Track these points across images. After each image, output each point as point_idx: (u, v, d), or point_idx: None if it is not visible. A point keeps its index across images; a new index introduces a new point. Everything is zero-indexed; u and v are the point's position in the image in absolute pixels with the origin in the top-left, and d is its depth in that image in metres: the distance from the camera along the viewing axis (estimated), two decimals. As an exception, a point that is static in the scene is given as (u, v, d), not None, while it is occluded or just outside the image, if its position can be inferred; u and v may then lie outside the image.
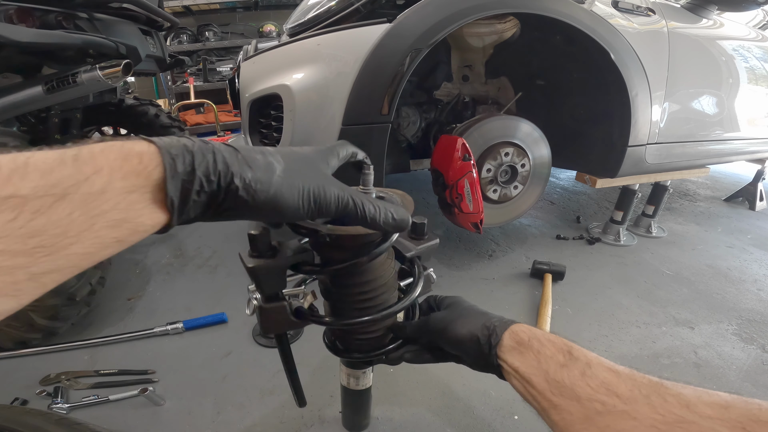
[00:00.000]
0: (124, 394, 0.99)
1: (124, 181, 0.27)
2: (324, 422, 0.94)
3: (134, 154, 0.28)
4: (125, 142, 0.28)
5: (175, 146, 0.29)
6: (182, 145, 0.30)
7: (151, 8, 1.50)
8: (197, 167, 0.30)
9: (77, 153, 0.26)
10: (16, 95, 1.22)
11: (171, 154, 0.29)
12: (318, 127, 1.18)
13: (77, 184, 0.25)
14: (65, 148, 0.26)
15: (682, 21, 1.60)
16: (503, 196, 1.49)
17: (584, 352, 0.43)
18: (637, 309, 1.34)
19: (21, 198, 0.24)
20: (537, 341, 0.46)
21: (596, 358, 0.42)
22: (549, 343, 0.45)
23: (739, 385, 1.03)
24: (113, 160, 0.27)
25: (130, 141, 0.29)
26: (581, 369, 0.41)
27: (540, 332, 0.47)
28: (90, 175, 0.26)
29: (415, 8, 1.16)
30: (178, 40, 4.77)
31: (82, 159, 0.26)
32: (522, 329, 0.48)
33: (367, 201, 0.38)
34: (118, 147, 0.28)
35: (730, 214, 2.18)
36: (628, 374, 0.40)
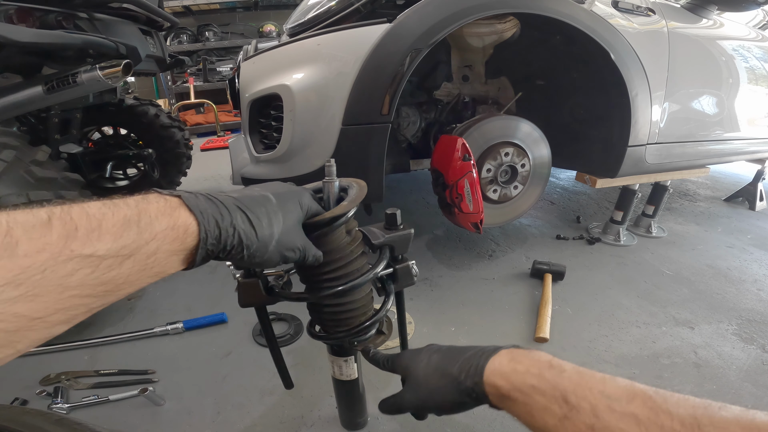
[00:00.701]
0: (124, 394, 0.99)
1: (170, 246, 0.36)
2: (324, 422, 0.94)
3: (180, 225, 0.37)
4: (174, 211, 0.37)
5: (210, 223, 0.38)
6: (215, 222, 0.39)
7: (151, 8, 1.50)
8: (221, 242, 0.40)
9: (139, 219, 0.34)
10: (16, 95, 1.22)
11: (206, 229, 0.38)
12: (318, 127, 1.18)
13: (139, 248, 0.33)
14: (127, 206, 0.34)
15: (682, 21, 1.60)
16: (503, 196, 1.49)
17: (581, 393, 0.38)
18: (637, 309, 1.34)
19: (98, 258, 0.30)
20: (519, 392, 0.41)
21: (600, 398, 0.37)
22: (534, 391, 0.40)
23: (739, 385, 1.03)
24: (165, 229, 0.35)
25: (178, 210, 0.37)
26: (587, 421, 0.36)
27: (517, 376, 0.42)
28: (149, 241, 0.34)
29: (415, 8, 1.16)
30: (178, 40, 4.77)
31: (143, 226, 0.34)
32: (497, 380, 0.43)
33: (310, 249, 0.50)
34: (168, 215, 0.36)
35: (730, 214, 2.18)
36: (649, 417, 0.34)
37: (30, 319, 0.28)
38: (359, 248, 0.60)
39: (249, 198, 0.44)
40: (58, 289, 0.28)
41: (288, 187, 0.51)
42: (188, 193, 0.40)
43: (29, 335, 0.28)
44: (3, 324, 0.26)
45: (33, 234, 0.28)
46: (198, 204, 0.39)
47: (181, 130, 2.28)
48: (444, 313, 1.33)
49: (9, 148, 1.05)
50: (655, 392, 0.36)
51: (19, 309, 0.27)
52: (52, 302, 0.28)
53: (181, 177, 2.39)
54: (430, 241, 1.84)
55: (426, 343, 0.60)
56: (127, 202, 0.35)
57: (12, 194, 0.99)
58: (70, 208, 0.31)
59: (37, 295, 0.27)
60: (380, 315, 0.67)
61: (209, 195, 0.42)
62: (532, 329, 1.23)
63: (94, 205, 0.33)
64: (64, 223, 0.30)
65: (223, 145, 3.87)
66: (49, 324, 0.29)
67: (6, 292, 0.26)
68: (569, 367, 0.41)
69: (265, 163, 1.31)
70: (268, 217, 0.44)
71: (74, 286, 0.29)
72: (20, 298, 0.27)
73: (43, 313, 0.28)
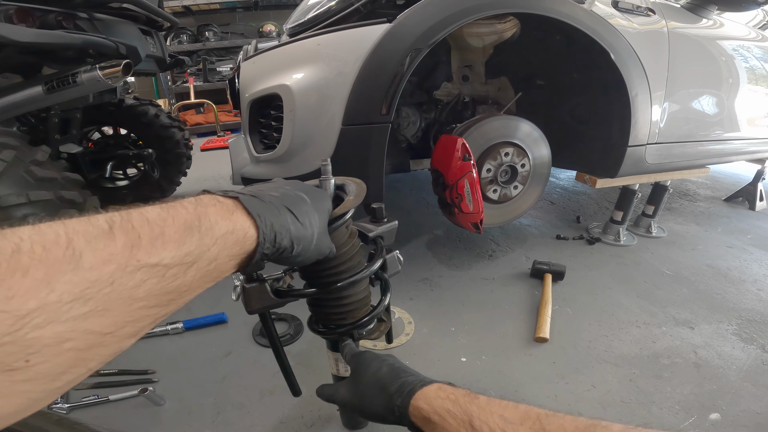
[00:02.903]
0: (124, 394, 0.99)
1: (230, 250, 0.35)
2: (324, 422, 0.94)
3: (239, 228, 0.36)
4: (232, 215, 0.36)
5: (267, 226, 0.38)
6: (271, 225, 0.39)
7: (151, 8, 1.50)
8: (276, 244, 0.40)
9: (200, 224, 0.33)
10: (16, 95, 1.22)
11: (264, 232, 0.38)
12: (318, 127, 1.18)
13: (201, 254, 0.32)
14: (186, 210, 0.33)
15: (682, 21, 1.60)
16: (503, 196, 1.49)
17: (484, 417, 0.42)
18: (637, 309, 1.34)
19: (164, 266, 0.30)
20: (437, 415, 0.46)
21: (499, 421, 0.41)
22: (448, 415, 0.45)
23: (739, 385, 1.03)
24: (225, 234, 0.35)
25: (235, 213, 0.37)
26: None
27: (438, 401, 0.47)
28: (210, 247, 0.33)
29: (415, 8, 1.16)
30: (178, 40, 4.77)
31: (204, 231, 0.33)
32: (421, 404, 0.48)
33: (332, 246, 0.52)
34: (226, 218, 0.35)
35: (730, 214, 2.18)
36: None
37: (101, 335, 0.26)
38: (357, 242, 0.62)
39: (291, 198, 0.44)
40: (127, 301, 0.27)
41: (313, 187, 0.52)
42: (244, 195, 0.39)
43: (101, 352, 0.27)
44: (74, 342, 0.25)
45: (97, 245, 0.27)
46: (255, 206, 0.38)
47: (181, 130, 2.28)
48: (444, 313, 1.33)
49: (9, 148, 1.04)
50: (546, 415, 0.40)
51: (90, 325, 0.25)
52: (122, 315, 0.27)
53: (181, 177, 2.39)
54: (430, 241, 1.84)
55: (425, 342, 0.61)
56: (184, 205, 0.34)
57: (12, 194, 0.99)
58: (129, 215, 0.30)
59: (107, 310, 0.26)
60: (382, 304, 0.68)
61: (258, 194, 0.41)
62: (532, 329, 1.23)
63: (153, 211, 0.32)
64: (126, 231, 0.29)
65: (223, 145, 3.87)
66: (119, 338, 0.28)
67: (75, 308, 0.24)
68: (483, 398, 0.46)
69: (265, 163, 1.31)
70: (309, 218, 0.45)
71: (142, 297, 0.28)
72: (90, 314, 0.25)
73: (114, 327, 0.27)
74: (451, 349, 1.17)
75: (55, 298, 0.24)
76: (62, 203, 1.08)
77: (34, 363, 0.23)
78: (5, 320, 0.22)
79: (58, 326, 0.24)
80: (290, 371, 0.69)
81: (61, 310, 0.24)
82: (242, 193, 0.40)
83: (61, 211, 1.07)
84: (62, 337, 0.24)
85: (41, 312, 0.23)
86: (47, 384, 0.25)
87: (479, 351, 1.16)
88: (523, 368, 1.10)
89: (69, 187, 1.14)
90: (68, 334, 0.24)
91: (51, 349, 0.24)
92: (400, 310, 1.33)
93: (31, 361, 0.23)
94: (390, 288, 0.71)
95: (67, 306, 0.24)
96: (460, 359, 1.13)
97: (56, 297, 0.24)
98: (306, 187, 0.50)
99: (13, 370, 0.22)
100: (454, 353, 1.15)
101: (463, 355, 1.14)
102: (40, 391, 0.24)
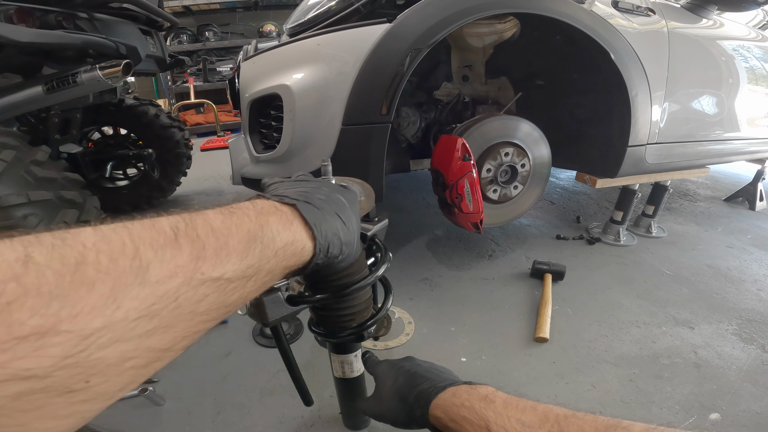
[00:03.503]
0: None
1: (287, 262, 0.35)
2: (324, 422, 0.94)
3: (298, 240, 0.35)
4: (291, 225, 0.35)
5: (324, 238, 0.38)
6: (326, 236, 0.38)
7: (151, 8, 1.50)
8: (329, 253, 0.39)
9: (262, 234, 0.32)
10: (16, 95, 1.22)
11: (320, 244, 0.37)
12: (318, 127, 1.18)
13: (261, 267, 0.31)
14: (248, 218, 0.32)
15: (682, 21, 1.60)
16: (503, 196, 1.49)
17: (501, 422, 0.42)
18: (637, 309, 1.34)
19: (226, 281, 0.28)
20: (454, 423, 0.46)
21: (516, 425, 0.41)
22: (464, 422, 0.45)
23: (739, 385, 1.03)
24: (285, 245, 0.34)
25: (294, 222, 0.36)
26: None
27: (453, 409, 0.47)
28: (270, 258, 0.32)
29: (415, 8, 1.16)
30: (178, 40, 4.77)
31: (266, 242, 0.32)
32: (438, 413, 0.49)
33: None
34: (287, 229, 0.35)
35: (730, 214, 2.18)
36: None
37: (161, 351, 0.25)
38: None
39: (336, 202, 0.43)
40: (189, 317, 0.26)
41: (340, 187, 0.50)
42: (300, 202, 0.38)
43: (156, 366, 0.26)
44: (135, 361, 0.23)
45: (164, 255, 0.25)
46: (312, 216, 0.37)
47: (181, 130, 2.28)
48: (444, 313, 1.33)
49: (9, 148, 1.05)
50: (566, 416, 0.40)
51: (153, 343, 0.24)
52: (182, 331, 0.26)
53: (181, 177, 2.39)
54: (430, 241, 1.84)
55: (425, 342, 0.61)
56: (246, 213, 0.32)
57: (12, 194, 0.99)
58: (194, 221, 0.28)
59: (170, 326, 0.25)
60: (388, 302, 0.68)
61: (311, 199, 0.39)
62: (532, 329, 1.23)
63: (216, 218, 0.30)
64: (191, 241, 0.27)
65: (223, 145, 3.87)
66: (175, 353, 0.26)
67: (141, 325, 0.23)
68: (500, 400, 0.45)
69: (265, 163, 1.31)
70: (351, 222, 0.44)
71: (203, 311, 0.27)
72: (154, 331, 0.24)
73: (173, 342, 0.26)
74: (451, 349, 1.17)
75: (122, 316, 0.22)
76: (62, 203, 1.09)
77: (95, 384, 0.22)
78: (69, 341, 0.20)
79: (123, 345, 0.22)
80: (302, 381, 0.68)
81: (126, 328, 0.22)
82: (297, 199, 0.38)
83: (61, 211, 1.07)
84: (126, 356, 0.23)
85: (107, 331, 0.21)
86: (102, 402, 0.23)
87: (479, 351, 1.16)
88: (523, 368, 1.10)
89: (69, 187, 1.14)
90: (131, 353, 0.23)
91: (113, 368, 0.22)
92: (400, 310, 1.33)
93: (92, 382, 0.21)
94: (392, 287, 0.71)
95: (133, 324, 0.23)
96: (460, 359, 1.13)
97: (122, 314, 0.22)
98: (340, 189, 0.49)
99: (72, 392, 0.21)
100: (454, 353, 1.15)
101: (463, 355, 1.14)
102: (94, 410, 0.23)
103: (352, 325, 0.64)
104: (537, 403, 0.43)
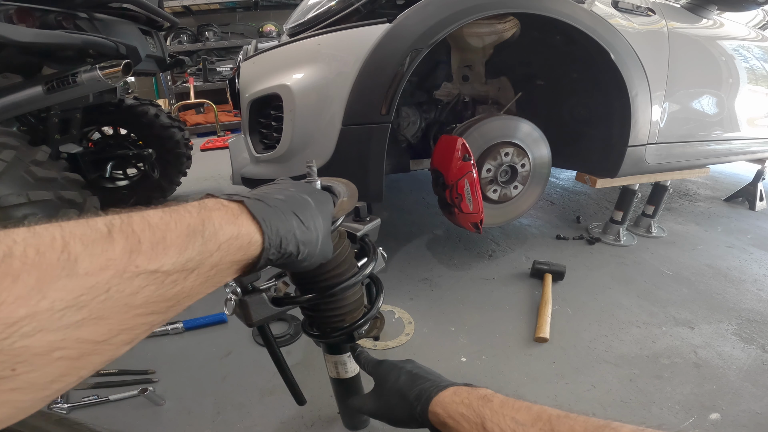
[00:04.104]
0: (124, 394, 0.99)
1: (233, 256, 0.34)
2: (324, 422, 0.94)
3: (244, 234, 0.35)
4: (237, 219, 0.35)
5: (273, 232, 0.37)
6: (277, 230, 0.38)
7: (151, 8, 1.50)
8: (281, 250, 0.39)
9: (203, 228, 0.32)
10: (16, 95, 1.22)
11: (269, 238, 0.37)
12: (318, 127, 1.18)
13: (203, 260, 0.31)
14: (189, 214, 0.32)
15: (682, 21, 1.60)
16: (503, 196, 1.49)
17: (497, 420, 0.43)
18: (637, 309, 1.34)
19: (164, 273, 0.28)
20: (452, 419, 0.47)
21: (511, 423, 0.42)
22: (462, 419, 0.46)
23: (739, 385, 1.03)
24: (229, 239, 0.34)
25: (240, 217, 0.36)
26: None
27: (453, 406, 0.48)
28: (213, 252, 0.32)
29: (415, 8, 1.16)
30: (178, 40, 4.77)
31: (207, 236, 0.32)
32: (437, 409, 0.50)
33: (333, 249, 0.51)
34: (231, 223, 0.34)
35: (730, 214, 2.18)
36: None
37: (94, 344, 0.25)
38: (348, 243, 0.62)
39: (296, 201, 0.43)
40: (123, 309, 0.26)
41: (317, 189, 0.51)
42: (249, 199, 0.38)
43: (93, 360, 0.26)
44: (65, 351, 0.24)
45: (94, 249, 0.25)
46: (261, 211, 0.37)
47: (181, 130, 2.28)
48: (444, 313, 1.33)
49: (9, 148, 1.05)
50: (558, 416, 0.41)
51: (83, 334, 0.24)
52: (117, 323, 0.26)
53: (181, 177, 2.39)
54: (430, 241, 1.84)
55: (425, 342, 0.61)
56: (188, 209, 0.33)
57: (12, 194, 0.99)
58: (130, 219, 0.29)
59: (101, 318, 0.25)
60: (378, 301, 0.68)
61: (264, 197, 0.40)
62: (532, 329, 1.23)
63: (155, 215, 0.30)
64: (126, 236, 0.27)
65: (223, 145, 3.87)
66: (114, 346, 0.27)
67: (68, 316, 0.23)
68: (498, 399, 0.46)
69: (265, 163, 1.31)
70: (314, 221, 0.44)
71: (139, 304, 0.27)
72: (84, 322, 0.24)
73: (108, 335, 0.26)
74: (451, 349, 1.17)
75: (47, 306, 0.23)
76: (62, 203, 1.09)
77: (21, 372, 0.22)
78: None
79: (49, 335, 0.23)
80: (294, 382, 0.69)
81: (52, 318, 0.23)
82: (247, 196, 0.39)
83: (61, 211, 1.07)
84: (53, 346, 0.23)
85: (31, 320, 0.22)
86: (35, 393, 0.24)
87: (479, 351, 1.16)
88: (523, 368, 1.10)
89: (69, 187, 1.14)
90: (59, 343, 0.23)
91: (40, 358, 0.23)
92: (400, 310, 1.33)
93: (18, 370, 0.22)
94: (383, 287, 0.71)
95: (59, 314, 0.23)
96: (460, 359, 1.13)
97: (48, 304, 0.23)
98: (310, 189, 0.49)
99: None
100: (454, 353, 1.15)
101: (463, 355, 1.14)
102: (27, 400, 0.24)
103: (343, 326, 0.65)
104: (533, 404, 0.44)
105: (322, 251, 0.46)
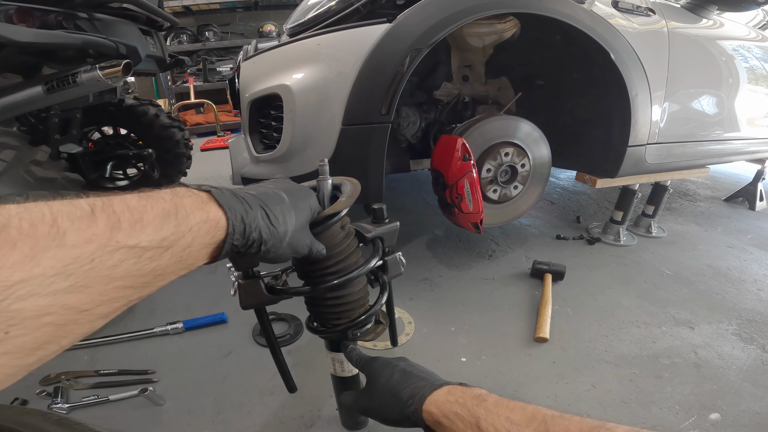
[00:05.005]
0: (124, 394, 0.99)
1: (203, 239, 0.37)
2: (324, 422, 0.94)
3: (212, 218, 0.38)
4: (206, 206, 0.38)
5: (237, 218, 0.40)
6: (241, 217, 0.41)
7: (151, 8, 1.50)
8: (245, 237, 0.42)
9: (176, 211, 0.35)
10: (16, 95, 1.22)
11: (233, 224, 0.40)
12: (318, 127, 1.18)
13: (177, 240, 0.34)
14: (164, 200, 0.35)
15: (682, 21, 1.60)
16: (503, 196, 1.49)
17: (491, 419, 0.44)
18: (637, 309, 1.34)
19: (142, 248, 0.31)
20: (446, 418, 0.48)
21: (505, 423, 0.43)
22: (456, 418, 0.47)
23: (739, 385, 1.03)
24: (199, 222, 0.37)
25: (208, 204, 0.39)
26: None
27: (447, 405, 0.49)
28: (185, 234, 0.35)
29: (415, 8, 1.16)
30: (178, 40, 4.77)
31: (180, 219, 0.35)
32: (431, 408, 0.50)
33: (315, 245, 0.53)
34: (200, 209, 0.38)
35: (730, 214, 2.18)
36: None
37: (78, 312, 0.28)
38: (354, 242, 0.63)
39: (267, 195, 0.46)
40: (105, 280, 0.29)
41: (298, 186, 0.54)
42: (216, 189, 0.41)
43: (74, 329, 0.28)
44: (52, 317, 0.26)
45: (80, 225, 0.28)
46: (226, 200, 0.41)
47: (181, 130, 2.28)
48: (444, 313, 1.33)
49: (9, 148, 1.05)
50: (553, 417, 0.41)
51: (69, 300, 0.27)
52: (98, 294, 0.29)
53: (181, 177, 2.39)
54: (430, 241, 1.84)
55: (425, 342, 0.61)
56: (161, 195, 0.36)
57: (12, 194, 0.99)
58: (111, 201, 0.32)
59: (85, 286, 0.27)
60: (378, 305, 0.69)
61: (233, 191, 0.43)
62: (532, 329, 1.23)
63: (132, 198, 0.33)
64: (108, 215, 0.30)
65: (223, 145, 3.87)
66: (94, 317, 0.29)
67: (57, 282, 0.26)
68: (492, 399, 0.47)
69: (265, 163, 1.31)
70: (283, 215, 0.46)
71: (119, 277, 0.30)
72: (70, 289, 0.26)
73: (90, 305, 0.28)
74: (451, 349, 1.17)
75: (40, 272, 0.25)
76: (62, 203, 1.08)
77: (13, 335, 0.24)
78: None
79: (40, 299, 0.25)
80: (285, 367, 0.70)
81: (44, 283, 0.25)
82: (215, 187, 0.42)
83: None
84: (43, 310, 0.25)
85: (26, 284, 0.24)
86: (21, 359, 0.25)
87: (479, 351, 1.16)
88: (523, 368, 1.10)
89: (69, 187, 1.14)
90: (48, 308, 0.25)
91: (31, 321, 0.25)
92: (400, 310, 1.33)
93: (10, 333, 0.24)
94: (388, 289, 0.71)
95: (49, 280, 0.25)
96: (460, 359, 1.13)
97: (40, 271, 0.25)
98: (290, 186, 0.52)
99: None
100: (454, 353, 1.15)
101: (463, 355, 1.14)
102: (13, 366, 0.25)
103: (339, 323, 0.66)
104: (527, 404, 0.45)
105: (292, 245, 0.48)
